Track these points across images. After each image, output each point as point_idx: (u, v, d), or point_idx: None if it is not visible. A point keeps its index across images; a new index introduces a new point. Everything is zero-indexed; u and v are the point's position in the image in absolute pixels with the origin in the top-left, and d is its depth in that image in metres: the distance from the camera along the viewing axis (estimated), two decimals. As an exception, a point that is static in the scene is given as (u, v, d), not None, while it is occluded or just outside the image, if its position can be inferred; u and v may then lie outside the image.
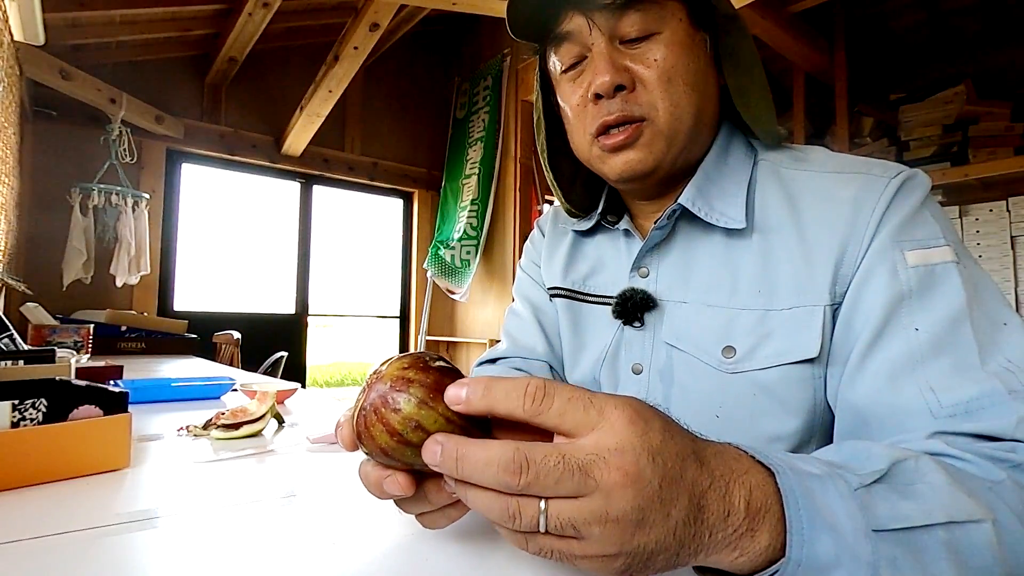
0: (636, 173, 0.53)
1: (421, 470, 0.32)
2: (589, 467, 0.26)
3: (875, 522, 0.29)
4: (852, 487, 0.31)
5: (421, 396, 0.30)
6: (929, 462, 0.34)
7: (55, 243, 2.61)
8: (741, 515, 0.28)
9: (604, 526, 0.26)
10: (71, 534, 0.39)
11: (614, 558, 0.27)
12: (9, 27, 1.96)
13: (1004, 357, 0.40)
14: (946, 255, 0.44)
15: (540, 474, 0.26)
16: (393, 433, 0.31)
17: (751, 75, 0.55)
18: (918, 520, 0.30)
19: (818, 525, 0.29)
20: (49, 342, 1.67)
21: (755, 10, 2.45)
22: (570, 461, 0.27)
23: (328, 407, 1.00)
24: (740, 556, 0.29)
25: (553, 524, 0.27)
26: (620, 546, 0.27)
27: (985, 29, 2.89)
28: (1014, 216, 2.40)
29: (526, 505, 0.27)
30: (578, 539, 0.27)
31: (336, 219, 4.07)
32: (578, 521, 0.27)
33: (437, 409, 0.30)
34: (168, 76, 3.15)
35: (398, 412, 0.30)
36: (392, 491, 0.33)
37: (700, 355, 0.52)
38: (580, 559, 0.28)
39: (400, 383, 0.31)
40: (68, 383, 0.58)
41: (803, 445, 0.49)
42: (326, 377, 8.87)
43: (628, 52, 0.51)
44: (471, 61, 3.92)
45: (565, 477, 0.26)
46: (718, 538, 0.28)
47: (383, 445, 0.31)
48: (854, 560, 0.28)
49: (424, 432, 0.30)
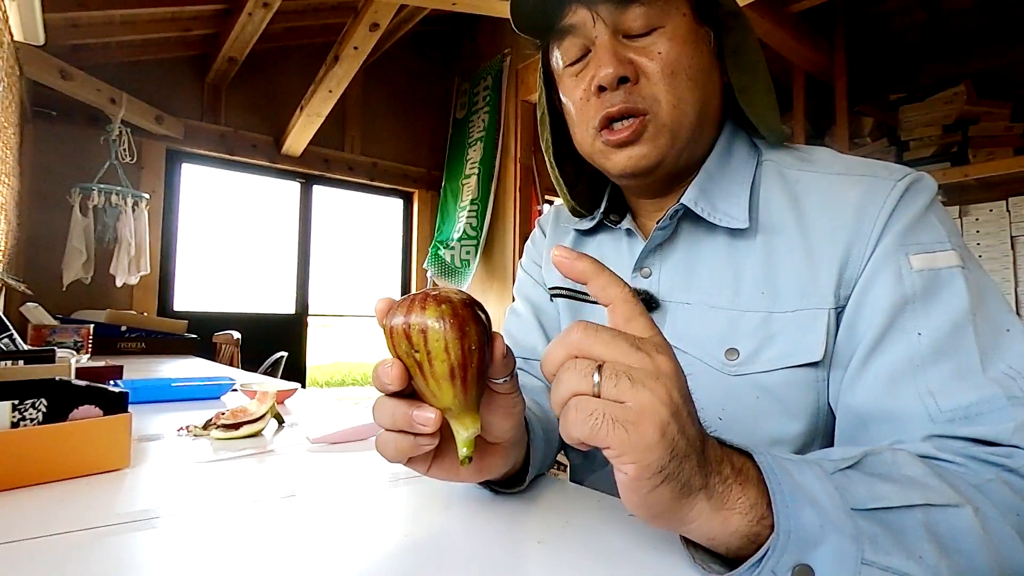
0: (640, 168, 0.52)
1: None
2: (641, 345, 0.30)
3: (853, 501, 0.30)
4: (828, 471, 0.32)
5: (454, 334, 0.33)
6: (907, 456, 0.35)
7: (55, 243, 2.61)
8: (729, 468, 0.31)
9: (656, 382, 0.29)
10: (71, 534, 0.39)
11: (661, 427, 0.28)
12: (9, 27, 1.96)
13: (1006, 363, 0.40)
14: (951, 259, 0.43)
15: (599, 331, 0.31)
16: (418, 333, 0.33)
17: (755, 72, 0.54)
18: (895, 501, 0.31)
19: (799, 498, 0.30)
20: (49, 342, 1.67)
21: (755, 10, 2.45)
22: (626, 334, 0.31)
23: (328, 407, 0.99)
24: (731, 510, 0.30)
25: (608, 372, 0.29)
26: (668, 414, 0.28)
27: (985, 29, 2.89)
28: (1014, 216, 2.39)
29: (584, 363, 0.30)
30: (630, 403, 0.28)
31: (336, 219, 4.07)
32: (633, 372, 0.29)
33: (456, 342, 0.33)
34: (168, 76, 3.15)
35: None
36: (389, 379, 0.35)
37: (703, 357, 0.52)
38: (631, 425, 0.28)
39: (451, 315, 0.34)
40: (68, 383, 0.58)
41: (806, 448, 0.49)
42: (326, 377, 8.87)
43: (632, 45, 0.51)
44: (471, 61, 3.91)
45: (619, 339, 0.30)
46: (715, 480, 0.30)
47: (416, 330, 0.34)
48: (839, 534, 0.29)
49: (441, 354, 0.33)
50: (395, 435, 0.37)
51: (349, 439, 0.70)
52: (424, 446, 0.37)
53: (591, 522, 0.42)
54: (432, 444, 0.37)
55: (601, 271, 0.33)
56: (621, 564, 0.35)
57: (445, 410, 0.35)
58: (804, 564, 0.28)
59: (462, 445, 0.36)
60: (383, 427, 0.38)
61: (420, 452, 0.37)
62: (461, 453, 0.36)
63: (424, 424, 0.35)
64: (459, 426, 0.36)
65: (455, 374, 0.33)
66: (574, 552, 0.37)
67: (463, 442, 0.36)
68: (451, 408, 0.35)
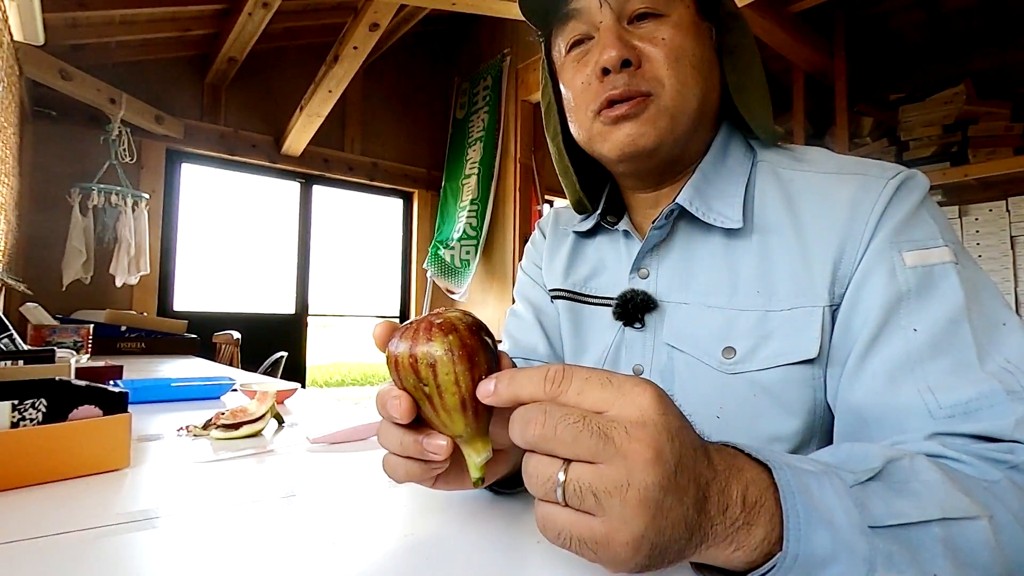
0: (638, 148, 0.52)
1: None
2: (609, 432, 0.27)
3: (871, 519, 0.30)
4: (847, 484, 0.31)
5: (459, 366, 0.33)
6: (923, 461, 0.34)
7: (55, 243, 2.61)
8: (738, 509, 0.29)
9: (624, 497, 0.26)
10: (71, 534, 0.39)
11: (634, 544, 0.26)
12: (9, 27, 1.96)
13: (1003, 357, 0.40)
14: (944, 256, 0.44)
15: (559, 426, 0.27)
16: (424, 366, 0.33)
17: (751, 72, 0.55)
18: (913, 517, 0.30)
19: (814, 520, 0.29)
20: (49, 342, 1.67)
21: (755, 10, 2.45)
22: (590, 422, 0.27)
23: (328, 407, 1.00)
24: (736, 550, 0.29)
25: (572, 488, 0.27)
26: (641, 527, 0.26)
27: (985, 29, 2.89)
28: (1014, 216, 2.39)
29: (547, 463, 0.28)
30: (597, 516, 0.27)
31: (336, 219, 4.07)
32: (597, 488, 0.26)
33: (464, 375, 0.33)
34: (168, 76, 3.15)
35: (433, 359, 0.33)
36: (396, 412, 0.35)
37: (700, 356, 0.52)
38: (600, 545, 0.27)
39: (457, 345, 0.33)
40: (68, 383, 0.58)
41: (803, 446, 0.49)
42: (326, 377, 8.87)
43: (635, 31, 0.52)
44: (471, 61, 3.91)
45: (584, 435, 0.27)
46: (717, 531, 0.28)
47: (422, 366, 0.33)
48: (850, 555, 0.28)
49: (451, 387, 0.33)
50: (405, 460, 0.37)
51: (349, 439, 0.70)
52: (435, 470, 0.37)
53: (590, 522, 0.42)
54: (443, 469, 0.37)
55: (516, 385, 0.31)
56: (620, 564, 0.35)
57: (456, 437, 0.35)
58: None
59: (474, 469, 0.35)
60: (391, 452, 0.38)
61: (431, 475, 0.38)
62: (473, 476, 0.36)
63: (436, 453, 0.35)
64: (471, 451, 0.35)
65: (466, 405, 0.33)
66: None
67: (475, 467, 0.35)
68: (462, 435, 0.35)
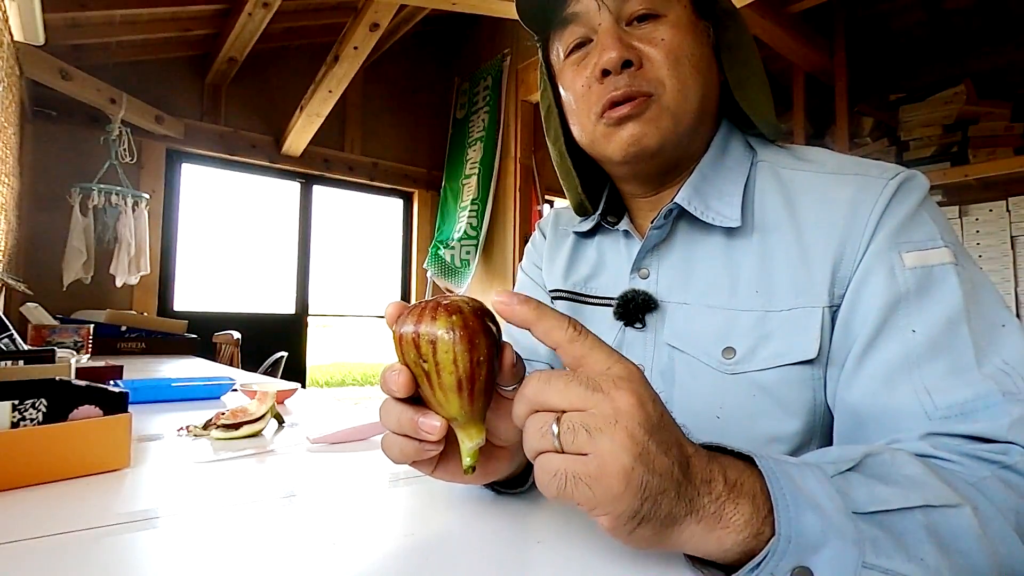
0: (642, 148, 0.52)
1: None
2: (598, 382, 0.30)
3: (853, 505, 0.30)
4: (828, 474, 0.32)
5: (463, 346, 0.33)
6: (904, 455, 0.35)
7: (55, 243, 2.61)
8: (721, 485, 0.30)
9: (613, 431, 0.28)
10: (71, 534, 0.39)
11: (624, 475, 0.27)
12: (9, 27, 1.96)
13: (1000, 359, 0.40)
14: (944, 257, 0.44)
15: (552, 378, 0.30)
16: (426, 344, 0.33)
17: (750, 67, 0.55)
18: (895, 503, 0.31)
19: (802, 503, 0.29)
20: (49, 342, 1.67)
21: (755, 10, 2.45)
22: (580, 376, 0.30)
23: (328, 407, 1.00)
24: (725, 529, 0.30)
25: (565, 427, 0.29)
26: (630, 459, 0.28)
27: (985, 29, 2.89)
28: (1014, 216, 2.40)
29: (543, 416, 0.30)
30: (589, 454, 0.28)
31: (336, 219, 4.07)
32: (588, 423, 0.28)
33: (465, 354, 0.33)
34: (168, 76, 3.15)
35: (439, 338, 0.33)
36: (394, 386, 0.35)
37: (700, 356, 0.52)
38: (593, 479, 0.28)
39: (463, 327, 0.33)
40: (68, 383, 0.58)
41: (803, 446, 0.49)
42: (326, 377, 8.87)
43: (634, 33, 0.52)
44: (471, 61, 3.91)
45: (574, 384, 0.30)
46: (704, 503, 0.30)
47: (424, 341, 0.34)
48: (841, 538, 0.29)
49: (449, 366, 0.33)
50: (400, 438, 0.37)
51: (349, 439, 0.70)
52: (429, 451, 0.37)
53: (591, 522, 0.42)
54: (437, 450, 0.37)
55: (543, 315, 0.32)
56: (620, 564, 0.35)
57: (451, 419, 0.35)
58: (804, 567, 0.28)
59: (466, 455, 0.36)
60: (389, 429, 0.38)
61: (425, 457, 0.38)
62: (465, 463, 0.36)
63: (429, 432, 0.35)
64: (464, 436, 0.36)
65: (462, 386, 0.33)
66: (574, 552, 0.37)
67: (467, 452, 0.36)
68: (457, 418, 0.35)
